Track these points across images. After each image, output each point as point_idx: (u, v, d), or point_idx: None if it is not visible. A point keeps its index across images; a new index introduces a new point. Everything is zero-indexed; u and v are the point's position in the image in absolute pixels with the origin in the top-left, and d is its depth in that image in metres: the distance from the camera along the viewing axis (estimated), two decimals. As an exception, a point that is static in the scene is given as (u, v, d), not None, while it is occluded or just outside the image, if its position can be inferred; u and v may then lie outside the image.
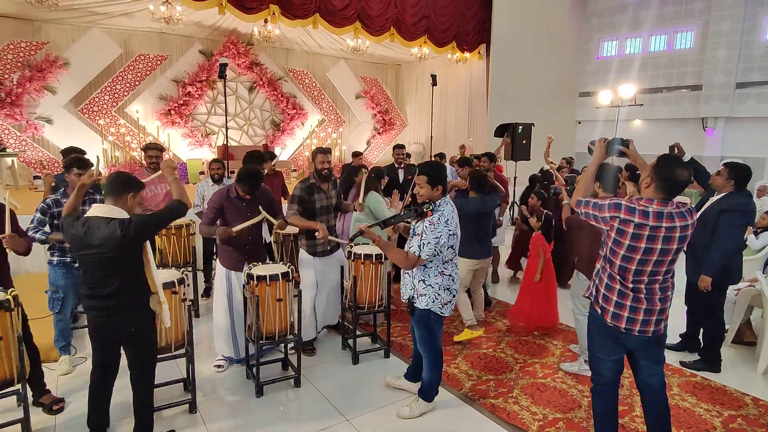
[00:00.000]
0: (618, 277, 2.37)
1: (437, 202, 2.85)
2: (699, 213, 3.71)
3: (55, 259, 3.39)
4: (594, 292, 2.52)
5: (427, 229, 2.78)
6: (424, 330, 3.04)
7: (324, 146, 3.94)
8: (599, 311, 2.46)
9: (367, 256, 3.72)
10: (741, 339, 4.27)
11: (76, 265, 3.27)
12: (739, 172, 3.61)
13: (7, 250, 3.04)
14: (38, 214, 3.28)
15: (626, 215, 2.25)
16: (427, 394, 3.17)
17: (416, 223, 2.87)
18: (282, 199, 5.47)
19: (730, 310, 4.27)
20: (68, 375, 3.52)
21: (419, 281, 2.93)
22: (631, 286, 2.34)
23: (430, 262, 2.89)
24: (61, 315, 3.47)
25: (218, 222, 3.57)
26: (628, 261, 2.31)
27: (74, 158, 3.46)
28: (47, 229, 3.26)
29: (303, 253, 3.90)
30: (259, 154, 4.57)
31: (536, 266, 4.40)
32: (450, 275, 2.97)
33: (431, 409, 3.18)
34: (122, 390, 2.83)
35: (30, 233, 3.19)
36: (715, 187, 3.74)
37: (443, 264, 2.92)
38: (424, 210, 2.76)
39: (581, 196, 2.55)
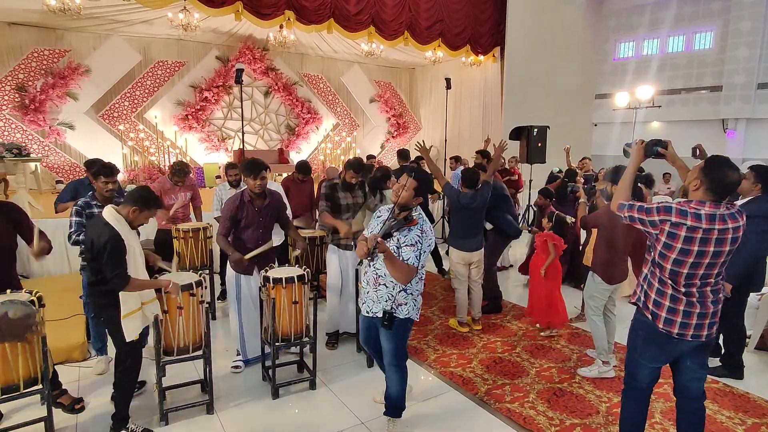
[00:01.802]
0: (669, 282, 2.32)
1: (414, 209, 2.77)
2: None
3: None
4: (643, 298, 2.44)
5: (420, 237, 2.68)
6: (401, 341, 2.86)
7: (354, 159, 4.11)
8: (650, 317, 2.39)
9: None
10: (765, 345, 4.17)
11: None
12: (767, 176, 3.52)
13: (17, 253, 3.16)
14: (75, 218, 3.44)
15: (678, 218, 2.21)
16: (400, 409, 2.97)
17: (402, 233, 2.69)
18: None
19: (753, 315, 4.18)
20: (89, 378, 3.61)
21: (400, 291, 2.75)
22: (683, 290, 2.30)
23: None
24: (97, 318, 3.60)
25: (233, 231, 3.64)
26: (679, 265, 2.27)
27: (101, 166, 3.63)
28: None
29: (330, 246, 4.16)
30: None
31: (543, 262, 4.40)
32: (423, 279, 2.89)
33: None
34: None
35: (74, 237, 3.40)
36: (740, 192, 3.63)
37: (421, 269, 2.79)
38: (411, 218, 2.68)
39: (623, 199, 2.46)
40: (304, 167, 5.56)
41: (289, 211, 4.26)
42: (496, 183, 5.39)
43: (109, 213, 2.76)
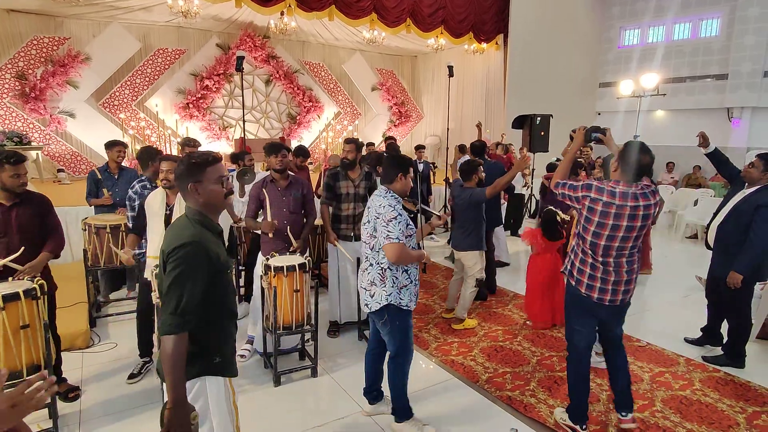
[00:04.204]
0: (590, 252, 2.62)
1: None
2: (731, 206, 3.59)
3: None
4: (569, 267, 2.77)
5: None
6: None
7: (352, 137, 4.12)
8: (574, 283, 2.72)
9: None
10: (766, 334, 4.17)
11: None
12: None
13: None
14: (130, 212, 3.65)
15: (596, 195, 2.54)
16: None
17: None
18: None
19: (755, 305, 4.17)
20: (92, 365, 3.63)
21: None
22: (600, 259, 2.59)
23: None
24: None
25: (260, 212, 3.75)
26: (597, 237, 2.57)
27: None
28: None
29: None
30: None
31: (539, 259, 4.38)
32: None
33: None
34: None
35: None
36: (748, 180, 3.57)
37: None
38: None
39: (560, 178, 2.81)
40: (302, 150, 5.52)
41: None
42: (497, 164, 5.33)
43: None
